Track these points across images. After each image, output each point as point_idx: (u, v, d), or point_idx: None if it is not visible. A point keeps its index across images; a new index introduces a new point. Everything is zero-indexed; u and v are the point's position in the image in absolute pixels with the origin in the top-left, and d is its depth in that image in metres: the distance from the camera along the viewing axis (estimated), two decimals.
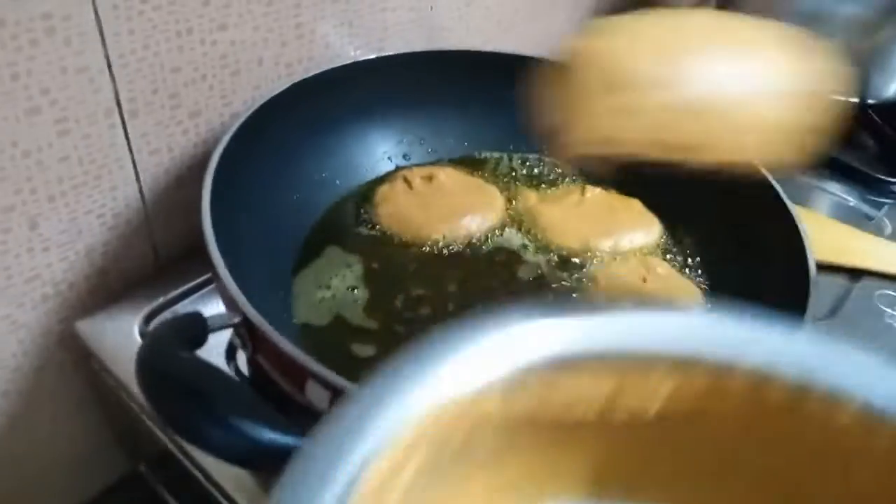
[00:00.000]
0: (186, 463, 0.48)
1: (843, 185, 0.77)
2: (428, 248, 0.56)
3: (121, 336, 0.52)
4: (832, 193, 0.77)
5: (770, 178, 0.54)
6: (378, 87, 0.59)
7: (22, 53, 0.42)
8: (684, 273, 0.57)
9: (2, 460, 0.56)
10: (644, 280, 0.54)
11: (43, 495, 0.61)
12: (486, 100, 0.65)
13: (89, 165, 0.49)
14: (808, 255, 0.48)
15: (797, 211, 0.51)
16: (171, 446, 0.48)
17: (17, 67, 0.42)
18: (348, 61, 0.59)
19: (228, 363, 0.50)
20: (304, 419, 0.36)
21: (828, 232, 0.69)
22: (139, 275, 0.57)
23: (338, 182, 0.59)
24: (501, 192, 0.62)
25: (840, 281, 0.65)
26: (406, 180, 0.59)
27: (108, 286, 0.55)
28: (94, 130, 0.48)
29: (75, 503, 0.63)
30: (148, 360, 0.32)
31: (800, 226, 0.50)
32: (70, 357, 0.55)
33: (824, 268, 0.64)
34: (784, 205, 0.52)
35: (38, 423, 0.57)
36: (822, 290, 0.64)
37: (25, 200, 0.47)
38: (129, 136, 0.50)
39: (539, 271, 0.56)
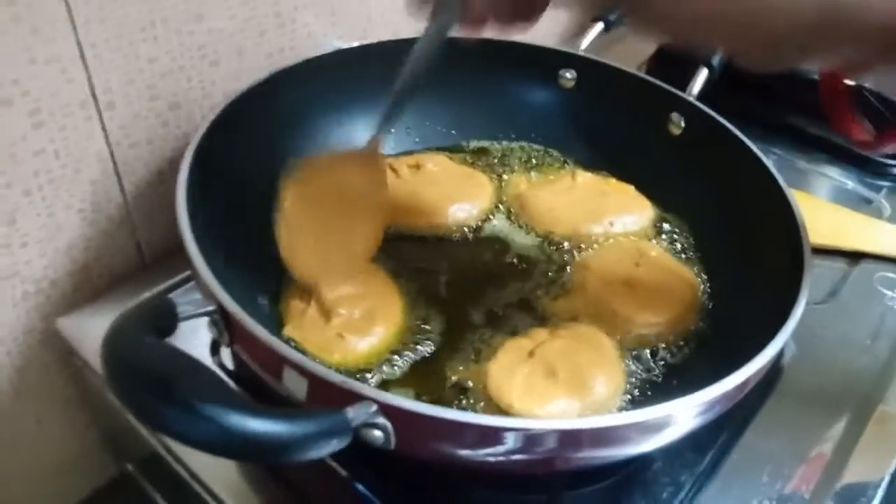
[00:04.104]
0: (172, 462, 0.47)
1: (841, 168, 0.76)
2: (417, 237, 0.55)
3: (103, 333, 0.51)
4: (830, 177, 0.75)
5: (765, 160, 0.53)
6: (361, 75, 0.57)
7: None
8: (679, 257, 0.56)
9: None
10: (637, 264, 0.53)
11: (31, 500, 0.60)
12: (473, 88, 0.64)
13: (66, 159, 0.48)
14: (803, 239, 0.46)
15: (793, 194, 0.50)
16: (156, 445, 0.48)
17: None
18: (330, 50, 0.58)
19: (213, 358, 0.50)
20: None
21: (826, 216, 0.67)
22: (123, 271, 0.56)
23: None
24: (491, 179, 0.61)
25: (839, 264, 0.64)
26: (392, 169, 0.58)
27: (91, 283, 0.54)
28: (69, 122, 0.47)
29: None
30: (111, 346, 0.31)
31: (795, 209, 0.48)
32: (54, 356, 0.54)
33: (823, 251, 0.63)
34: (779, 187, 0.50)
35: (24, 425, 0.56)
36: (821, 273, 0.63)
37: (1, 195, 0.46)
38: (107, 128, 0.49)
39: (529, 257, 0.55)
